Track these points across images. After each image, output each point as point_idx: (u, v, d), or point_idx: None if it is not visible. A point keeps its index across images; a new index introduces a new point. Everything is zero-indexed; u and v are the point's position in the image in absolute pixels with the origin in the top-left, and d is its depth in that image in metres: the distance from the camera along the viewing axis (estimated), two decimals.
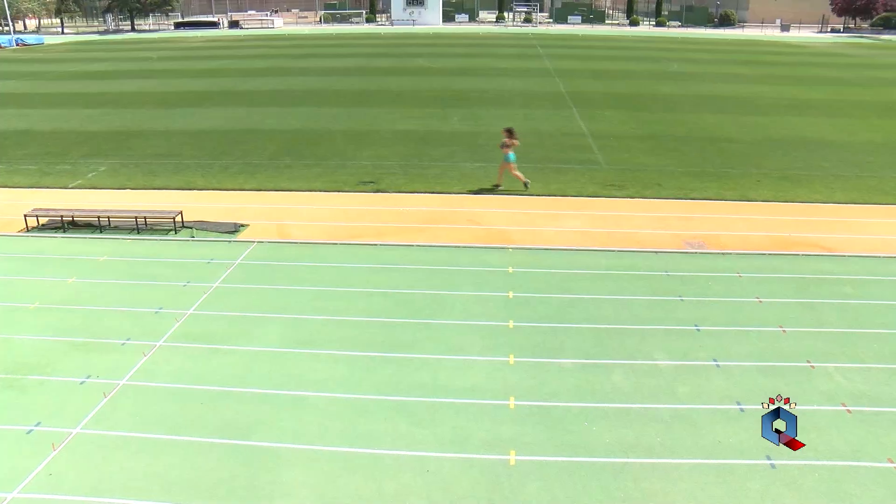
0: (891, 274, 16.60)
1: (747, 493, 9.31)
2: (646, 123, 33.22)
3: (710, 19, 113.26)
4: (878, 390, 11.77)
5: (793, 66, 58.88)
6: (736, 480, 9.55)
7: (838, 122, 35.06)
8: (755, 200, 21.61)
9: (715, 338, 13.28)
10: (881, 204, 21.77)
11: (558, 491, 9.32)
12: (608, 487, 9.40)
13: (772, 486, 9.44)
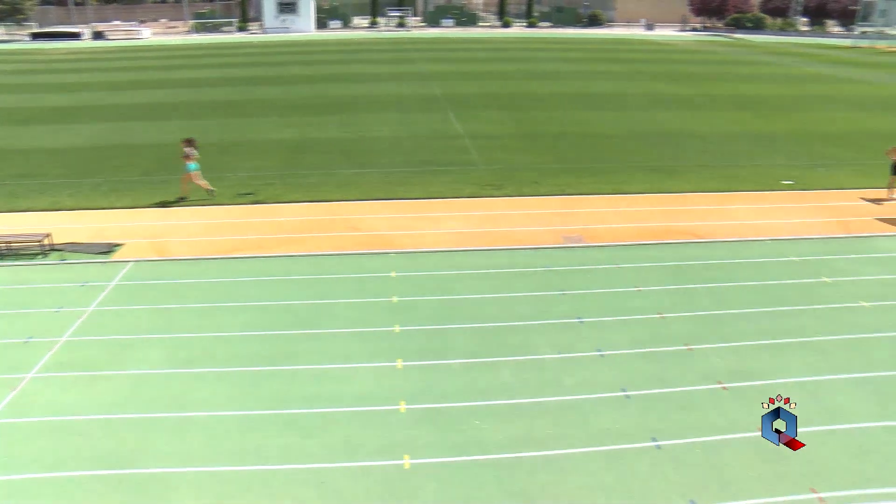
0: (753, 256, 17.53)
1: (636, 475, 9.65)
2: (521, 122, 33.89)
3: (579, 19, 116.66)
4: (749, 366, 12.42)
5: (658, 63, 61.37)
6: (625, 464, 9.88)
7: (702, 115, 36.76)
8: (629, 193, 22.39)
9: (597, 328, 13.66)
10: (742, 191, 22.98)
11: (454, 491, 9.37)
12: (503, 482, 9.52)
13: (658, 466, 9.84)
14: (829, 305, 15.00)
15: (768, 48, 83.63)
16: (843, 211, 21.43)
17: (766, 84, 50.54)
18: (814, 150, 29.66)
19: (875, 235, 19.49)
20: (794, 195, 22.84)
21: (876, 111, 40.61)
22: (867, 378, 12.28)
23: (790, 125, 35.13)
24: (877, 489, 9.42)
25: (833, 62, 69.07)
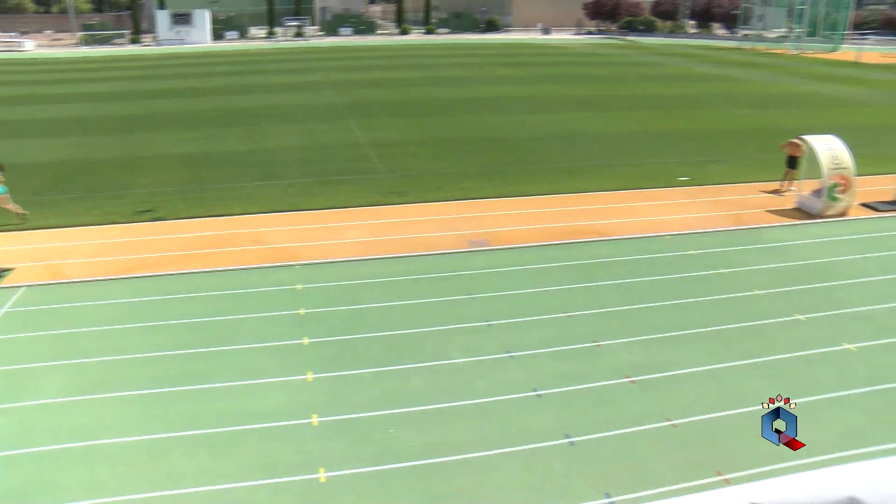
0: (655, 252, 18.08)
1: (553, 473, 9.79)
2: (424, 128, 34.03)
3: (476, 25, 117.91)
4: (655, 359, 12.78)
5: (556, 66, 62.60)
6: (541, 463, 10.00)
7: (601, 116, 37.69)
8: (533, 195, 22.73)
9: (507, 330, 13.81)
10: (642, 188, 23.65)
11: (372, 501, 9.31)
12: (421, 489, 9.51)
13: (573, 463, 10.01)
14: (727, 295, 15.57)
15: (660, 50, 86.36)
16: (737, 204, 22.30)
17: (660, 84, 52.20)
18: (708, 146, 30.78)
19: (765, 226, 20.36)
20: (690, 191, 23.65)
21: (760, 108, 42.43)
22: (765, 362, 12.81)
23: (685, 123, 36.36)
24: (775, 465, 9.79)
25: (720, 62, 71.80)
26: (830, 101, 46.74)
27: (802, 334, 13.96)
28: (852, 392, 11.99)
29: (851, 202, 21.96)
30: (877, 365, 12.90)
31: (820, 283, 16.53)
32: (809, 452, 10.03)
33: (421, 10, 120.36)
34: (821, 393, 11.88)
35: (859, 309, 15.18)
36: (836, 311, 15.01)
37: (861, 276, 17.04)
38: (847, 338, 13.82)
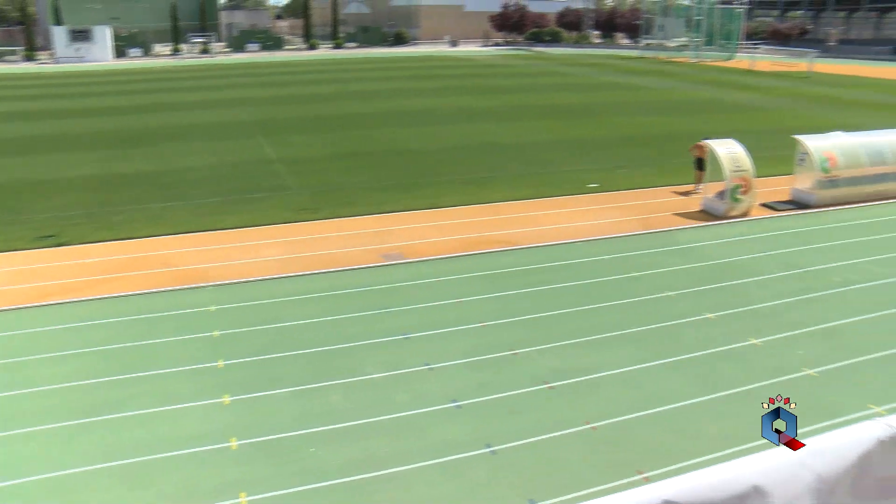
0: (567, 258, 18.40)
1: (475, 483, 9.81)
2: (335, 143, 33.83)
3: (384, 38, 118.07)
4: (572, 364, 12.97)
5: (465, 78, 63.17)
6: (464, 473, 10.01)
7: (510, 126, 38.18)
8: (445, 207, 22.85)
9: (423, 343, 13.82)
10: (553, 196, 24.05)
11: None
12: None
13: (496, 472, 10.05)
14: (639, 298, 15.95)
15: (566, 60, 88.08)
16: (645, 208, 22.90)
17: (567, 93, 53.24)
18: (615, 153, 31.53)
19: (673, 229, 20.96)
20: (600, 197, 24.17)
21: (664, 114, 43.74)
22: (678, 361, 13.16)
23: (592, 131, 37.17)
24: (694, 460, 10.06)
25: (625, 71, 73.73)
26: (729, 106, 48.50)
27: (712, 332, 14.40)
28: (759, 384, 12.42)
29: (752, 203, 22.81)
30: (780, 358, 13.41)
31: (727, 281, 17.09)
32: (722, 446, 10.40)
33: (329, 24, 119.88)
34: (730, 388, 12.27)
35: (763, 305, 15.77)
36: (742, 308, 15.54)
37: (764, 273, 17.70)
38: (753, 333, 14.32)
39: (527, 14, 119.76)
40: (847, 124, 32.06)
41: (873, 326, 14.94)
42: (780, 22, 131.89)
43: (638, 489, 2.49)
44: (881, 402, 11.71)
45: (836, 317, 15.29)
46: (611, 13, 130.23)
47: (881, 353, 13.75)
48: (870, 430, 2.19)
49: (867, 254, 19.30)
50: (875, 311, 15.64)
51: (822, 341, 14.19)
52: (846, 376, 12.91)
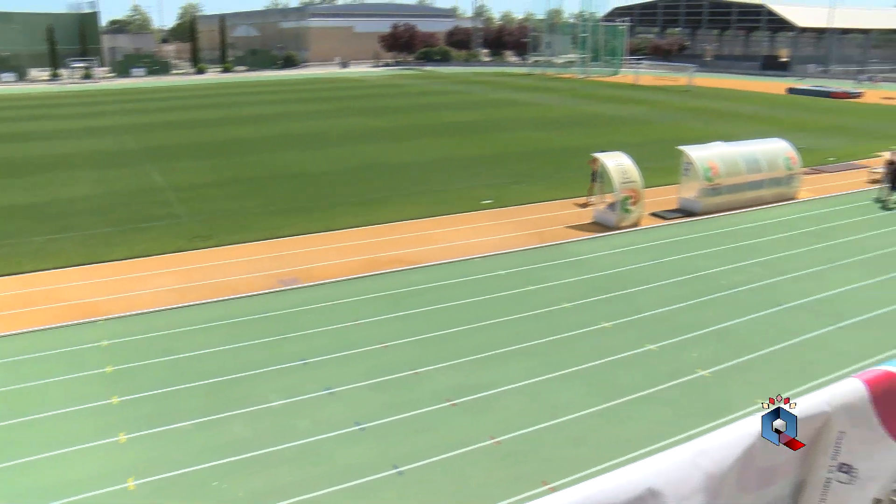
0: (465, 275, 18.55)
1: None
2: (226, 169, 33.18)
3: (274, 61, 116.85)
4: (473, 380, 13.07)
5: (357, 99, 63.13)
6: (372, 497, 9.94)
7: (404, 145, 38.33)
8: (340, 228, 22.70)
9: (324, 367, 13.66)
10: (450, 214, 24.26)
11: None
12: None
13: (404, 492, 10.03)
14: (537, 311, 16.21)
15: (457, 78, 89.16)
16: (539, 222, 23.33)
17: (459, 111, 53.85)
18: (508, 168, 32.03)
19: (567, 242, 21.42)
20: (494, 213, 24.50)
21: (554, 129, 44.79)
22: (577, 371, 13.43)
23: (485, 148, 37.69)
24: (597, 467, 10.25)
25: (514, 88, 75.20)
26: (616, 120, 50.07)
27: (609, 340, 14.76)
28: (657, 388, 12.80)
29: (642, 213, 23.56)
30: (676, 361, 13.86)
31: (621, 290, 17.57)
32: (625, 450, 10.63)
33: (217, 48, 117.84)
34: (630, 394, 12.59)
35: (657, 311, 16.27)
36: (636, 316, 16.00)
37: (656, 280, 18.27)
38: (649, 339, 14.75)
39: (416, 34, 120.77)
40: (725, 134, 33.54)
41: (759, 325, 15.64)
42: (660, 38, 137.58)
43: (534, 502, 2.51)
44: (766, 397, 12.20)
45: (725, 318, 15.92)
46: (499, 31, 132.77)
47: (767, 349, 14.41)
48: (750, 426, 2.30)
49: (750, 257, 20.19)
50: (760, 311, 16.37)
51: (713, 342, 14.75)
52: (737, 374, 13.46)
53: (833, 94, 73.12)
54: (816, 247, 21.35)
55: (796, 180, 27.83)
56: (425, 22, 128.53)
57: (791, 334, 15.16)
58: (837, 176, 32.26)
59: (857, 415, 2.51)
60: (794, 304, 16.91)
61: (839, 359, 13.85)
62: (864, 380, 2.55)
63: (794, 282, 18.39)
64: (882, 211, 25.98)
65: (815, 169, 32.86)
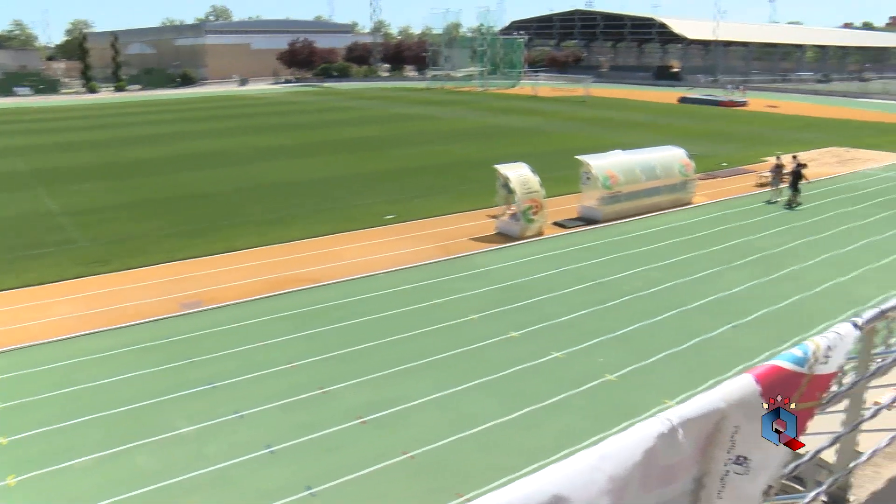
0: (371, 291, 18.48)
1: None
2: (123, 191, 32.15)
3: (170, 80, 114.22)
4: (384, 396, 13.00)
5: (257, 117, 62.26)
6: None
7: (306, 163, 37.98)
8: (243, 249, 22.28)
9: (231, 390, 13.36)
10: (353, 230, 24.13)
11: None
12: None
13: None
14: (444, 324, 16.27)
15: (357, 94, 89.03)
16: (443, 235, 23.45)
17: (360, 127, 53.74)
18: (410, 183, 32.12)
19: (472, 254, 21.60)
20: (398, 228, 24.50)
21: (455, 142, 45.22)
22: (487, 381, 13.52)
23: (387, 163, 37.70)
24: (510, 476, 10.32)
25: (414, 102, 75.60)
26: (516, 131, 50.89)
27: (516, 350, 14.93)
28: (566, 395, 13.01)
29: (545, 222, 23.96)
30: (582, 367, 14.12)
31: (526, 300, 17.80)
32: (537, 458, 10.75)
33: (109, 66, 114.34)
34: (539, 401, 12.75)
35: (562, 319, 16.56)
36: (543, 324, 16.24)
37: (560, 288, 18.60)
38: (555, 347, 14.99)
39: (315, 50, 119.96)
40: (622, 143, 34.46)
41: (661, 328, 16.10)
42: (557, 51, 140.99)
43: None
44: (673, 396, 12.57)
45: (628, 323, 16.32)
46: (398, 46, 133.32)
47: (669, 351, 14.85)
48: (651, 427, 2.36)
49: (649, 262, 20.78)
50: (661, 314, 16.86)
51: (618, 347, 15.10)
52: (642, 377, 13.81)
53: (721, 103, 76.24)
54: (712, 249, 22.15)
55: (691, 186, 28.83)
56: (324, 38, 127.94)
57: (691, 335, 15.66)
58: (728, 181, 33.58)
59: (750, 409, 2.61)
60: (692, 305, 17.48)
61: (736, 356, 14.39)
62: (755, 375, 2.65)
63: (693, 284, 19.01)
64: (771, 213, 27.15)
65: (708, 174, 34.13)
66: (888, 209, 27.97)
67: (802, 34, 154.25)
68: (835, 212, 27.54)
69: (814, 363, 2.85)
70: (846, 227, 25.18)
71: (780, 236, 23.81)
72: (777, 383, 2.71)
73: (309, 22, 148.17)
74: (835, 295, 18.43)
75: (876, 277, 19.71)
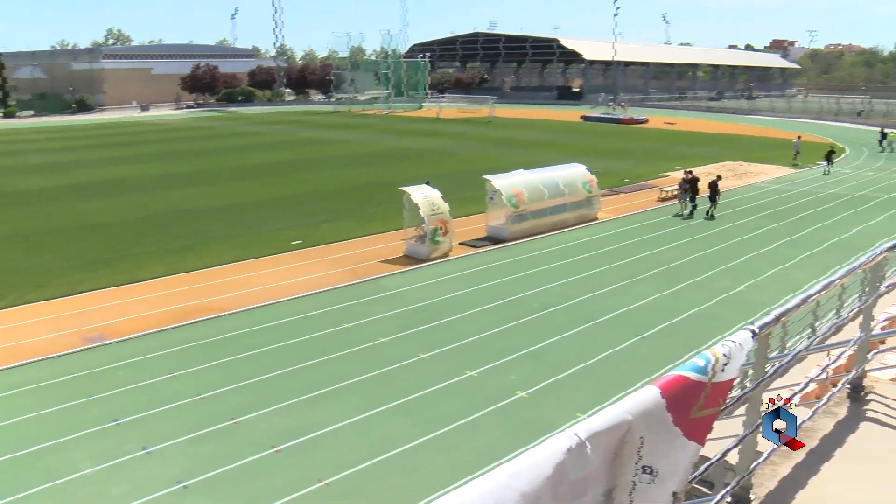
0: (281, 318, 18.20)
1: None
2: (16, 222, 30.75)
3: (66, 106, 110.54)
4: (297, 423, 12.80)
5: (159, 143, 60.80)
6: None
7: (210, 189, 37.24)
8: (148, 279, 21.60)
9: (138, 426, 12.90)
10: (261, 256, 23.74)
11: None
12: None
13: None
14: (356, 348, 16.15)
15: (261, 119, 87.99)
16: (352, 259, 23.33)
17: (265, 152, 53.06)
18: (318, 207, 31.87)
19: (381, 276, 21.54)
20: (307, 252, 24.25)
21: (362, 165, 45.18)
22: (401, 404, 13.46)
23: (294, 188, 37.32)
24: (426, 499, 10.28)
25: (320, 126, 75.24)
26: (421, 152, 51.19)
27: (429, 371, 14.92)
28: (481, 413, 13.05)
29: (452, 242, 24.10)
30: (495, 385, 14.21)
31: (437, 320, 17.84)
32: (454, 477, 10.73)
33: None
34: (454, 421, 12.76)
35: (474, 338, 16.65)
36: (454, 344, 16.29)
37: (470, 308, 18.70)
38: (468, 366, 15.04)
39: (218, 75, 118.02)
40: (527, 162, 35.00)
41: (571, 343, 16.38)
42: (460, 72, 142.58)
43: None
44: (585, 410, 12.77)
45: (539, 339, 16.53)
46: (302, 70, 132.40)
47: (580, 365, 15.11)
48: (560, 442, 2.37)
49: (557, 278, 21.13)
50: (570, 329, 17.15)
51: (529, 363, 15.26)
52: (554, 392, 14.00)
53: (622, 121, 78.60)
54: (618, 263, 22.69)
55: (596, 202, 29.51)
56: (227, 62, 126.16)
57: (600, 349, 15.97)
58: (632, 196, 34.55)
59: (655, 419, 2.67)
60: (601, 319, 17.84)
61: (645, 367, 14.74)
62: (658, 386, 2.71)
63: (601, 298, 19.41)
64: (674, 226, 28.03)
65: (611, 190, 35.03)
66: (778, 220, 29.31)
67: (695, 54, 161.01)
68: (732, 223, 28.68)
69: (713, 371, 2.93)
70: (743, 237, 26.23)
71: (682, 248, 24.59)
72: (679, 393, 2.78)
73: (211, 46, 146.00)
74: (734, 303, 19.13)
75: (770, 285, 20.57)
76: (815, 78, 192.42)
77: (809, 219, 29.69)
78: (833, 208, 32.00)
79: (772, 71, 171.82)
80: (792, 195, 35.45)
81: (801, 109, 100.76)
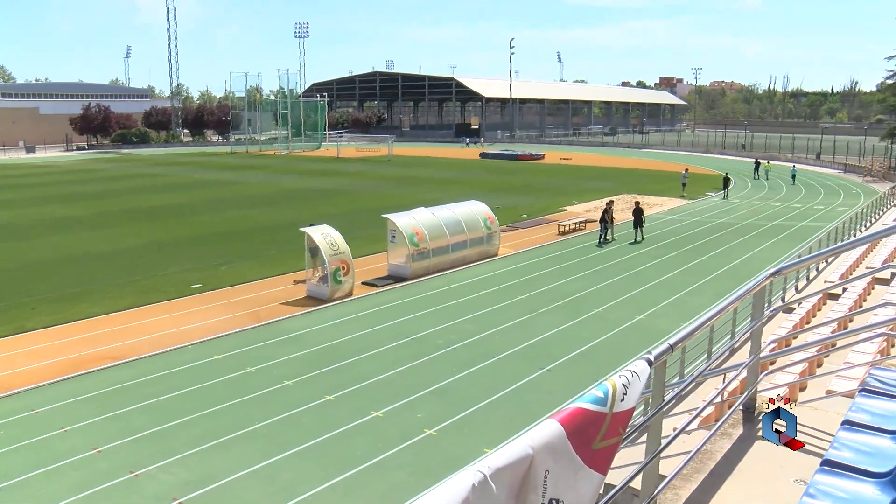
0: (180, 364, 17.64)
1: None
2: None
3: None
4: (199, 473, 12.33)
5: (47, 187, 58.46)
6: None
7: (102, 233, 35.97)
8: (35, 329, 20.58)
9: (24, 488, 12.12)
10: (156, 302, 22.96)
11: None
12: None
13: None
14: (259, 392, 15.76)
15: (157, 160, 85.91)
16: (252, 302, 22.86)
17: (160, 194, 51.67)
18: (215, 250, 31.16)
19: (283, 319, 21.18)
20: (205, 296, 23.64)
21: (261, 207, 44.62)
22: (307, 447, 13.17)
23: (190, 230, 36.46)
24: None
25: (217, 167, 74.05)
26: (321, 193, 50.92)
27: (334, 413, 14.68)
28: (388, 453, 12.88)
29: (354, 282, 23.93)
30: (402, 424, 14.07)
31: (341, 361, 17.61)
32: None
33: None
34: (361, 463, 12.55)
35: (379, 377, 16.50)
36: (359, 385, 16.09)
37: (374, 347, 18.55)
38: (373, 406, 14.87)
39: (111, 115, 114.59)
40: (426, 199, 35.27)
41: (477, 378, 16.41)
42: (359, 112, 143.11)
43: None
44: (493, 445, 12.75)
45: (444, 376, 16.51)
46: (199, 110, 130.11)
47: (486, 400, 15.13)
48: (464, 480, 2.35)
49: (461, 314, 21.22)
50: (476, 365, 17.19)
51: (436, 401, 15.21)
52: (462, 428, 13.97)
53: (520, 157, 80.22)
54: (521, 297, 22.95)
55: (496, 238, 29.86)
56: (120, 102, 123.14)
57: (506, 383, 16.05)
58: (531, 230, 35.15)
59: (558, 452, 2.68)
60: (505, 353, 17.97)
61: (550, 398, 14.91)
62: (559, 419, 2.73)
63: (504, 333, 19.56)
64: (574, 258, 28.61)
65: (511, 226, 35.56)
66: (674, 249, 30.34)
67: (589, 91, 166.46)
68: (631, 254, 29.52)
69: (613, 401, 2.97)
70: (641, 267, 27.01)
71: (583, 280, 25.10)
72: (580, 424, 2.81)
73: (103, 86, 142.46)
74: (636, 331, 19.61)
75: (670, 312, 21.19)
76: (702, 113, 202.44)
77: (702, 247, 30.88)
78: (724, 237, 33.42)
79: (662, 107, 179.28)
80: (685, 225, 36.84)
81: (690, 143, 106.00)
